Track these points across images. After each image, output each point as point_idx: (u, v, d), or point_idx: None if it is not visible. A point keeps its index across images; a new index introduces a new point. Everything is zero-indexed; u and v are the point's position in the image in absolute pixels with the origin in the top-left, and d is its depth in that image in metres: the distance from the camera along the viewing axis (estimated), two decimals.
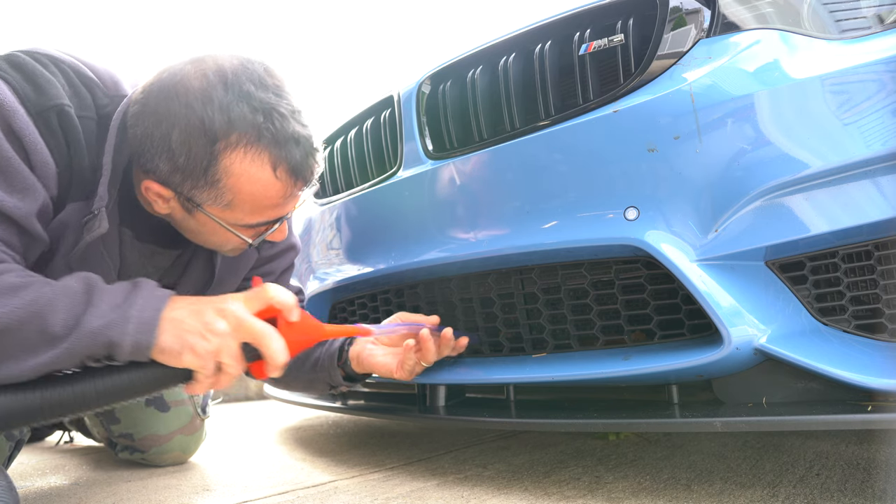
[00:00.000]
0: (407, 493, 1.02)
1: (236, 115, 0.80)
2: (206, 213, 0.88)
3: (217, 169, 0.82)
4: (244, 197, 0.86)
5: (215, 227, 0.91)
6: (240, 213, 0.88)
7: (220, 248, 0.99)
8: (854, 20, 0.84)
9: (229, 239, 0.94)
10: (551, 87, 1.01)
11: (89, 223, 0.87)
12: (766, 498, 0.89)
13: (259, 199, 0.87)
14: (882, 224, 0.79)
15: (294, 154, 0.85)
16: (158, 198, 0.89)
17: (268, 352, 0.82)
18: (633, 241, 0.91)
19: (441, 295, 1.24)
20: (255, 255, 1.17)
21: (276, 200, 0.88)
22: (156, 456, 1.34)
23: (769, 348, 0.83)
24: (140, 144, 0.84)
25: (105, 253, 0.93)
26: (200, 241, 0.98)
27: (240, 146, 0.82)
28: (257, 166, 0.83)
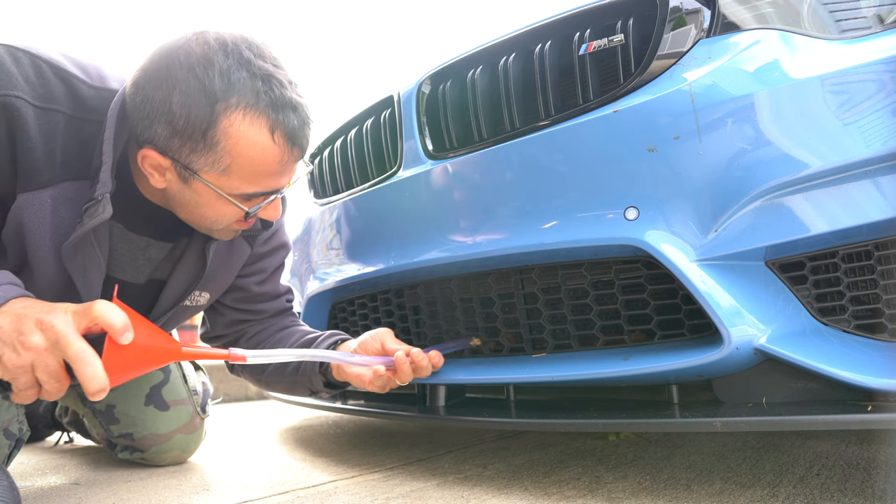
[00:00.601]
0: (407, 493, 1.02)
1: (236, 79, 0.82)
2: (202, 180, 0.87)
3: (216, 131, 0.83)
4: (242, 161, 0.86)
5: (211, 198, 0.90)
6: (236, 179, 0.88)
7: (215, 225, 0.96)
8: (854, 20, 0.84)
9: (224, 213, 0.93)
10: (551, 87, 1.01)
11: (90, 209, 0.87)
12: (766, 498, 0.89)
13: (256, 164, 0.87)
14: (882, 224, 0.79)
15: (291, 120, 0.86)
16: (155, 170, 0.88)
17: (79, 376, 0.74)
18: (633, 241, 0.91)
19: (441, 295, 1.24)
20: (247, 250, 1.17)
21: (273, 167, 0.88)
22: (155, 455, 1.33)
23: (769, 348, 0.83)
24: (140, 111, 0.84)
25: (96, 245, 0.93)
26: (194, 219, 0.96)
27: (239, 108, 0.83)
28: (256, 129, 0.84)
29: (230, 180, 0.88)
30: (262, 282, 1.25)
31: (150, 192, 0.98)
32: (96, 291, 0.97)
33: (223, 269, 1.14)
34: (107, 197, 0.86)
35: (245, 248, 1.17)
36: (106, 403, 1.31)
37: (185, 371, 1.39)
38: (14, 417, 1.12)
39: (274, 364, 1.18)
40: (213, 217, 0.94)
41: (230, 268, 1.16)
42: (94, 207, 0.87)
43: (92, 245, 0.93)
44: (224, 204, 0.91)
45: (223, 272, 1.15)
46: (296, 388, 1.20)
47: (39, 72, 0.85)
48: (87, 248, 0.92)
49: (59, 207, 0.89)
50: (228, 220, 0.95)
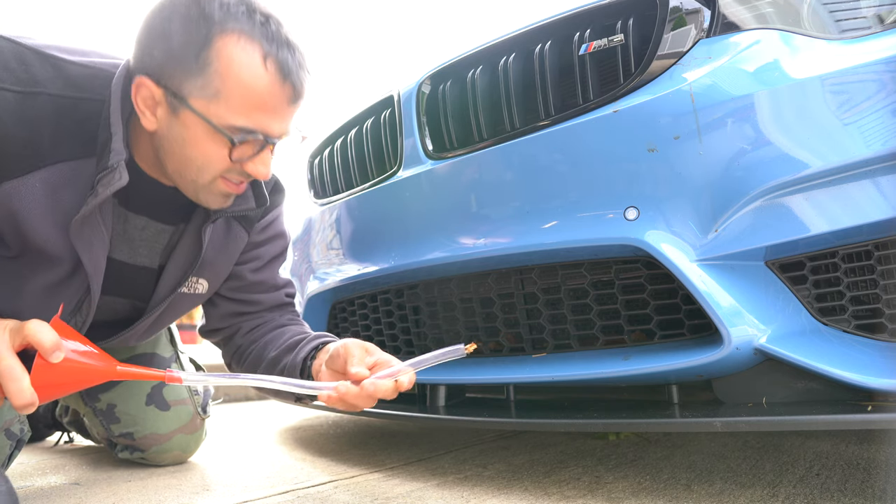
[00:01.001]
0: (407, 492, 1.02)
1: (235, 10, 0.84)
2: (191, 108, 0.86)
3: (209, 53, 0.84)
4: (231, 85, 0.85)
5: (198, 133, 0.88)
6: (224, 107, 0.86)
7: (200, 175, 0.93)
8: (854, 20, 0.84)
9: (210, 155, 0.90)
10: (551, 87, 1.01)
11: (104, 179, 0.88)
12: (766, 498, 0.89)
13: (246, 91, 0.86)
14: (882, 224, 0.79)
15: (285, 54, 0.87)
16: (147, 106, 0.89)
17: (5, 391, 0.76)
18: (633, 241, 0.91)
19: (441, 295, 1.25)
20: (244, 237, 1.16)
21: (263, 97, 0.87)
22: (156, 455, 1.33)
23: (769, 348, 0.83)
24: (141, 41, 0.87)
25: (101, 221, 0.94)
26: (181, 167, 0.93)
27: (234, 33, 0.84)
28: (248, 53, 0.85)
29: (218, 107, 0.86)
30: (258, 269, 1.22)
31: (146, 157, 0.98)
32: (101, 268, 0.98)
33: (220, 257, 1.13)
34: (122, 164, 0.88)
35: (242, 236, 1.15)
36: (107, 403, 1.31)
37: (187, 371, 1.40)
38: (15, 418, 1.12)
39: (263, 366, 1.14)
40: (198, 160, 0.91)
41: (227, 255, 1.14)
42: (108, 176, 0.88)
43: (97, 221, 0.94)
44: (210, 140, 0.89)
45: (220, 260, 1.13)
46: (282, 394, 1.19)
47: (21, 58, 0.86)
48: (93, 223, 0.93)
49: (56, 190, 0.89)
50: (214, 165, 0.91)
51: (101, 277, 0.99)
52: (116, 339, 1.11)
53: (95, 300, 1.00)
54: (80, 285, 0.98)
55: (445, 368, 1.18)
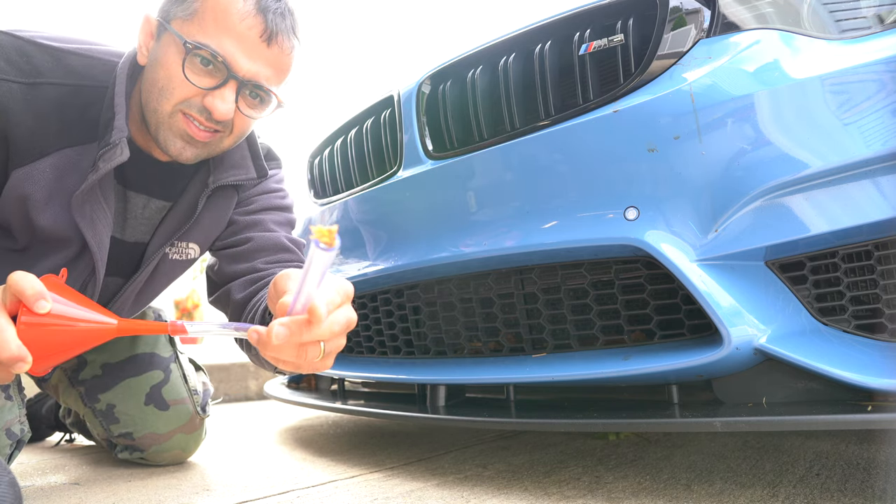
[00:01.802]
0: (407, 492, 1.02)
1: None
2: (170, 28, 0.89)
3: None
4: (209, 4, 0.88)
5: (170, 52, 0.89)
6: (197, 25, 0.88)
7: (161, 100, 0.91)
8: (854, 20, 0.84)
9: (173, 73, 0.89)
10: (551, 87, 1.01)
11: (106, 154, 0.91)
12: (766, 498, 0.89)
13: (220, 13, 0.87)
14: (882, 224, 0.79)
15: (269, 1, 0.89)
16: (144, 40, 0.94)
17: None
18: (633, 241, 0.91)
19: (441, 295, 1.25)
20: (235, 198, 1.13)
21: (234, 25, 0.87)
22: (155, 455, 1.33)
23: (769, 348, 0.83)
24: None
25: (101, 198, 0.97)
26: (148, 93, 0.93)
27: None
28: None
29: (191, 25, 0.88)
30: (249, 213, 1.16)
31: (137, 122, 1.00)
32: (105, 245, 1.00)
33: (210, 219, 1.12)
34: (124, 141, 0.91)
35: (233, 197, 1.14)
36: (106, 403, 1.31)
37: (186, 371, 1.39)
38: (16, 418, 1.12)
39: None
40: (162, 80, 0.91)
41: (217, 217, 1.13)
42: (110, 151, 0.91)
43: (99, 199, 0.97)
44: (177, 58, 0.89)
45: (210, 222, 1.13)
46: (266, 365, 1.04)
47: (22, 50, 0.90)
48: (94, 200, 0.96)
49: (63, 174, 0.93)
50: (176, 89, 0.90)
51: (105, 255, 1.01)
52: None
53: (100, 280, 1.02)
54: (86, 267, 1.01)
55: (445, 368, 1.18)
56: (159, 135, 0.94)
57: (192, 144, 0.94)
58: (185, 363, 1.42)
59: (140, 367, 1.32)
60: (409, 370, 1.27)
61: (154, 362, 1.35)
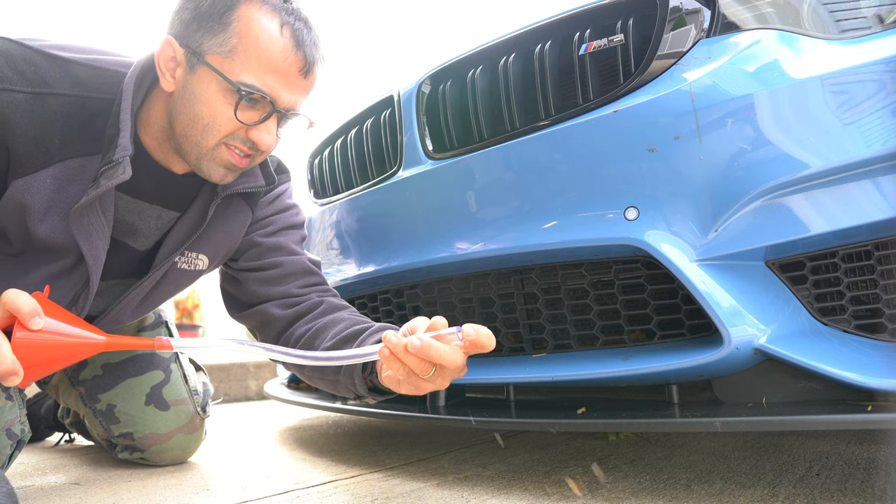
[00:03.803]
0: (407, 492, 1.02)
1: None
2: (206, 63, 0.90)
3: (232, 14, 0.89)
4: (248, 43, 0.90)
5: (209, 89, 0.91)
6: (238, 63, 0.90)
7: (205, 135, 0.93)
8: (854, 20, 0.84)
9: (217, 111, 0.91)
10: (551, 87, 1.01)
11: (108, 171, 0.91)
12: (766, 498, 0.89)
13: (260, 51, 0.90)
14: (882, 224, 0.79)
15: (302, 28, 0.92)
16: (168, 67, 0.93)
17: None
18: (633, 241, 0.91)
19: (441, 295, 1.24)
20: (248, 214, 1.15)
21: (276, 60, 0.91)
22: (156, 455, 1.33)
23: (769, 348, 0.83)
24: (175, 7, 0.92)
25: (100, 212, 0.96)
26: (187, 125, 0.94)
27: (258, 1, 0.91)
28: (268, 18, 0.90)
29: (232, 63, 0.90)
30: (270, 234, 1.18)
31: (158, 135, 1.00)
32: (101, 260, 1.00)
33: (222, 232, 1.12)
34: (127, 160, 0.91)
35: (246, 212, 1.14)
36: (106, 403, 1.31)
37: (186, 371, 1.39)
38: (16, 418, 1.12)
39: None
40: (206, 117, 0.92)
41: (230, 231, 1.13)
42: (112, 170, 0.91)
43: (97, 213, 0.96)
44: (220, 96, 0.91)
45: (222, 235, 1.12)
46: (339, 388, 1.05)
47: (29, 59, 0.89)
48: (92, 214, 0.96)
49: (64, 185, 0.93)
50: (220, 125, 0.92)
51: (100, 269, 1.00)
52: (108, 316, 1.12)
53: (93, 292, 1.02)
54: (80, 278, 1.00)
55: None
56: (202, 165, 0.97)
57: (232, 171, 0.99)
58: (186, 363, 1.42)
59: (140, 367, 1.32)
60: None
61: (154, 362, 1.35)
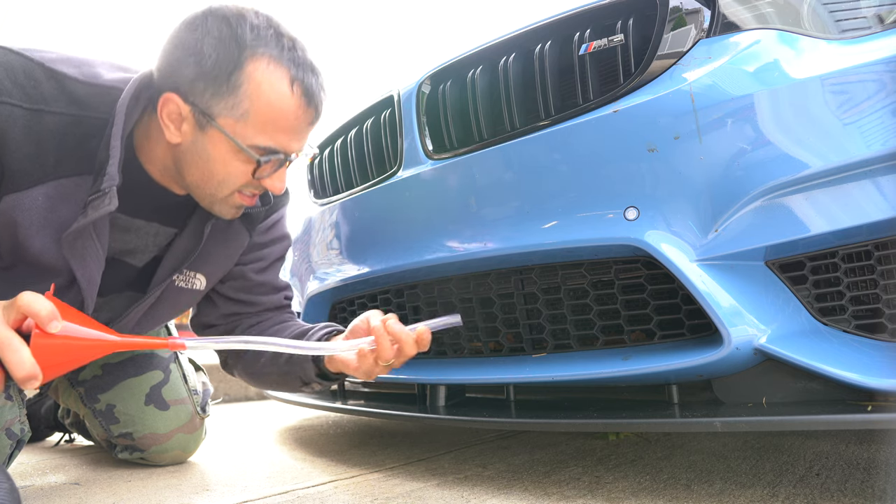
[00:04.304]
0: (407, 492, 1.02)
1: (265, 34, 0.89)
2: (218, 127, 0.90)
3: (240, 74, 0.88)
4: (260, 106, 0.89)
5: (223, 150, 0.92)
6: (251, 127, 0.90)
7: (219, 189, 0.96)
8: (854, 20, 0.84)
9: (232, 171, 0.93)
10: (551, 87, 1.01)
11: (95, 201, 0.89)
12: (766, 498, 0.89)
13: (273, 113, 0.90)
14: (882, 224, 0.79)
15: (310, 79, 0.92)
16: (173, 121, 0.92)
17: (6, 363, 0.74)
18: (633, 241, 0.91)
19: (441, 295, 1.24)
20: (246, 237, 1.17)
21: (288, 120, 0.92)
22: (155, 455, 1.33)
23: (769, 348, 0.83)
24: (170, 56, 0.89)
25: (94, 237, 0.95)
26: (201, 179, 0.96)
27: (265, 56, 0.89)
28: (277, 77, 0.89)
29: (246, 127, 0.90)
30: (261, 270, 1.23)
31: (159, 166, 0.99)
32: (95, 283, 0.98)
33: (220, 253, 1.14)
34: (113, 190, 0.89)
35: (244, 236, 1.16)
36: (106, 403, 1.31)
37: (185, 371, 1.39)
38: (16, 418, 1.12)
39: (267, 356, 1.16)
40: (220, 175, 0.94)
41: (228, 253, 1.15)
42: (99, 199, 0.89)
43: (91, 237, 0.94)
44: (235, 157, 0.92)
45: (219, 256, 1.14)
46: (288, 379, 1.15)
47: (31, 74, 0.87)
48: (86, 238, 0.94)
49: (57, 204, 0.91)
50: (235, 180, 0.95)
51: (94, 291, 0.99)
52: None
53: (89, 312, 1.00)
54: (74, 298, 0.98)
55: (445, 368, 1.18)
56: (213, 208, 1.00)
57: (242, 208, 1.02)
58: (185, 363, 1.42)
59: (140, 367, 1.32)
60: (409, 370, 1.27)
61: (154, 362, 1.35)
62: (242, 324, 1.25)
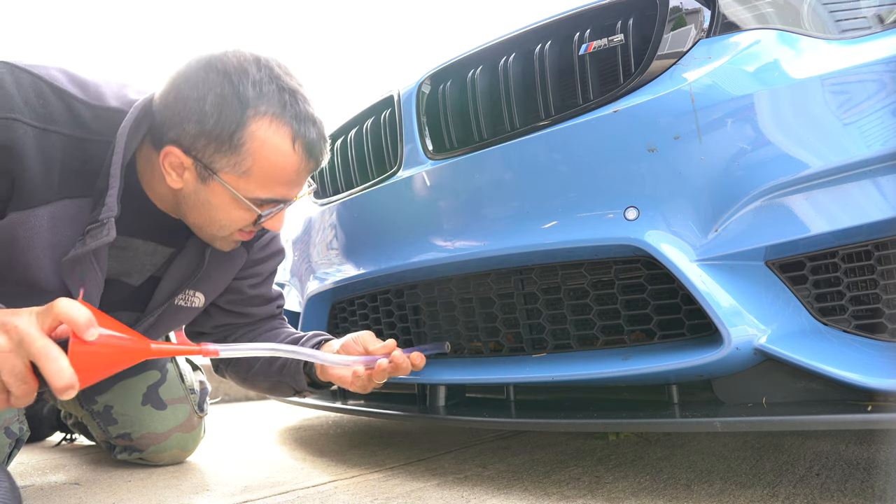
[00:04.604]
0: (407, 493, 1.02)
1: (267, 90, 0.89)
2: (220, 181, 0.92)
3: (243, 134, 0.89)
4: (262, 164, 0.91)
5: (225, 201, 0.94)
6: (254, 183, 0.93)
7: (221, 231, 0.99)
8: (854, 20, 0.84)
9: (234, 218, 0.97)
10: (551, 87, 1.01)
11: (93, 231, 0.89)
12: (766, 498, 0.89)
13: (275, 170, 0.93)
14: (882, 224, 0.79)
15: (311, 133, 0.93)
16: (174, 169, 0.93)
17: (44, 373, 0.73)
18: (633, 241, 0.91)
19: (441, 295, 1.24)
20: (244, 255, 1.19)
21: (289, 175, 0.94)
22: (154, 454, 1.33)
23: (769, 348, 0.83)
24: (171, 109, 0.90)
25: (94, 263, 0.95)
26: (203, 223, 0.99)
27: (267, 115, 0.89)
28: (280, 136, 0.91)
29: (248, 183, 0.93)
30: (256, 285, 1.26)
31: (162, 199, 1.01)
32: (95, 304, 0.98)
33: (219, 272, 1.16)
34: (111, 221, 0.89)
35: (242, 253, 1.19)
36: (104, 405, 1.31)
37: (182, 370, 1.39)
38: (15, 417, 1.12)
39: (260, 363, 1.20)
40: (222, 221, 0.98)
41: (226, 271, 1.18)
42: (97, 230, 0.89)
43: (91, 263, 0.94)
44: (237, 207, 0.95)
45: (218, 275, 1.16)
46: (280, 387, 1.20)
47: (40, 92, 0.87)
48: (85, 264, 0.94)
49: (58, 225, 0.90)
50: (236, 225, 0.99)
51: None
52: None
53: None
54: None
55: (445, 368, 1.18)
56: (214, 243, 1.04)
57: (239, 243, 1.05)
58: (182, 363, 1.42)
59: (136, 367, 1.32)
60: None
61: (150, 362, 1.35)
62: (236, 332, 1.27)
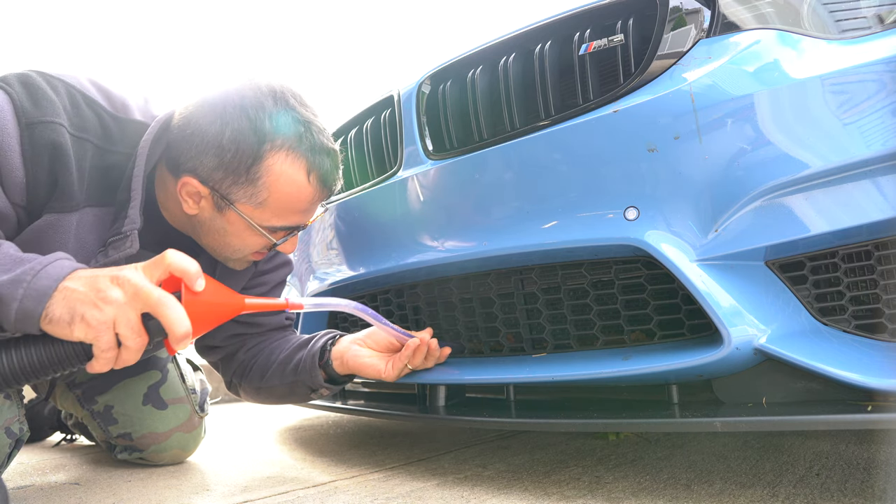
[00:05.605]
0: (407, 493, 1.02)
1: (283, 122, 0.92)
2: (237, 210, 0.95)
3: (260, 167, 0.92)
4: (278, 196, 0.95)
5: (240, 228, 0.97)
6: (269, 213, 0.96)
7: (235, 254, 1.03)
8: (854, 20, 0.84)
9: (249, 244, 1.00)
10: (551, 87, 1.01)
11: (116, 242, 0.92)
12: (766, 498, 0.89)
13: (290, 201, 0.96)
14: (882, 224, 0.79)
15: (325, 164, 0.97)
16: (191, 197, 0.95)
17: (165, 321, 0.76)
18: (633, 241, 0.91)
19: (441, 295, 1.24)
20: (252, 266, 1.20)
21: (304, 205, 0.98)
22: (154, 454, 1.33)
23: (769, 348, 0.83)
24: (188, 141, 0.92)
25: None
26: (218, 246, 1.02)
27: (283, 149, 0.92)
28: (295, 169, 0.94)
29: (263, 213, 0.96)
30: (263, 294, 1.27)
31: (175, 218, 1.03)
32: None
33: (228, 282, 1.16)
34: (135, 234, 0.91)
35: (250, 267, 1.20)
36: (104, 404, 1.31)
37: (183, 370, 1.40)
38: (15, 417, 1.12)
39: (273, 367, 1.20)
40: (237, 246, 1.01)
41: (235, 282, 1.19)
42: (120, 241, 0.91)
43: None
44: (252, 235, 0.98)
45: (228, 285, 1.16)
46: (296, 390, 1.20)
47: (74, 101, 0.90)
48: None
49: (83, 233, 0.93)
50: (250, 249, 1.02)
51: None
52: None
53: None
54: None
55: (445, 368, 1.18)
56: (227, 263, 1.07)
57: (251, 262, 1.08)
58: (183, 363, 1.42)
59: (137, 367, 1.32)
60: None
61: (151, 362, 1.35)
62: (246, 344, 1.27)
